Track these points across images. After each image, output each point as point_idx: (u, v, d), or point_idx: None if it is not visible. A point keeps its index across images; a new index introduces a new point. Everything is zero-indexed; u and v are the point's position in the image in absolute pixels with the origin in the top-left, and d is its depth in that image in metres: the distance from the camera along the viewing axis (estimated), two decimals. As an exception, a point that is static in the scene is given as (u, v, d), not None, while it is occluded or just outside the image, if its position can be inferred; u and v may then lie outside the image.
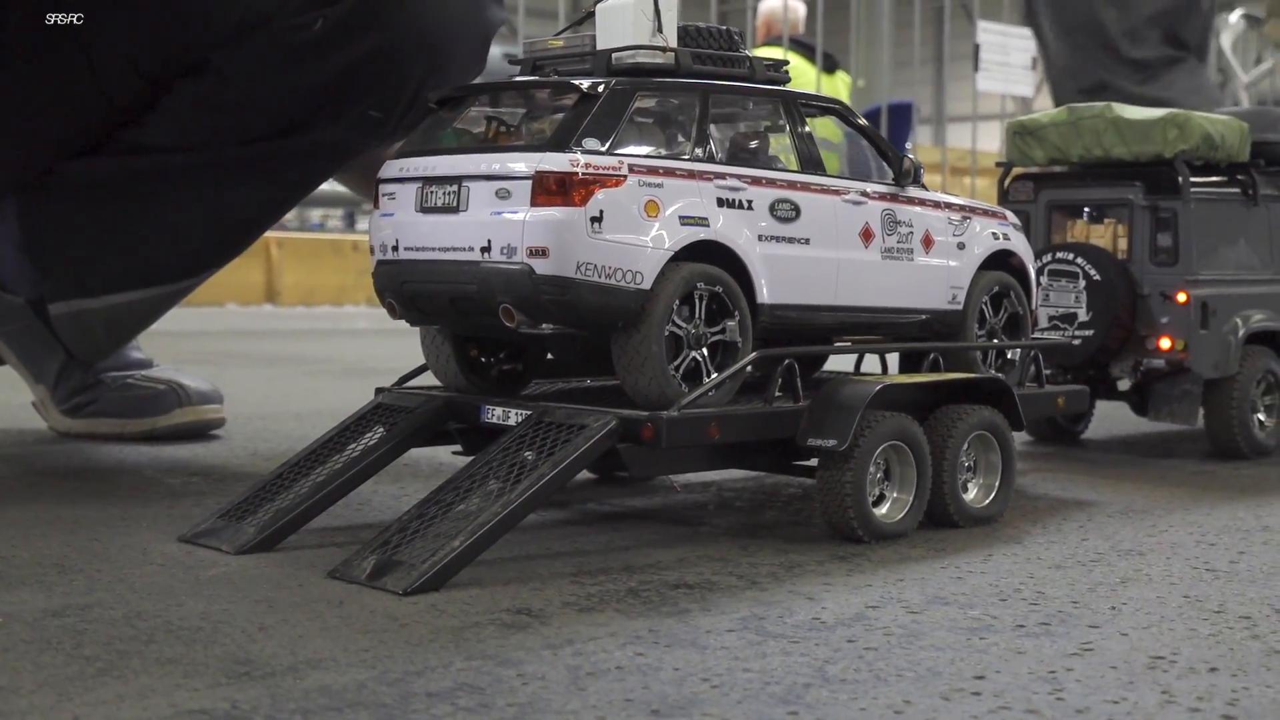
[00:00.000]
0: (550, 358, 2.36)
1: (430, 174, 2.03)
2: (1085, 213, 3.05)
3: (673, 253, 1.97)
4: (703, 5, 6.48)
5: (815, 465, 2.09)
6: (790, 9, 6.62)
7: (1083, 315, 2.93)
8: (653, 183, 1.97)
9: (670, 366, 1.98)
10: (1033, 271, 2.50)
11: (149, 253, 2.84)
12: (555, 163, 1.92)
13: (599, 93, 1.98)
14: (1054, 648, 1.55)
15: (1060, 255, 2.96)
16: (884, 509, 2.10)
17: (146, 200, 2.80)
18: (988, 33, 6.71)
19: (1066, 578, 1.89)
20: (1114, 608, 1.73)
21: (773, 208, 2.10)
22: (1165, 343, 2.90)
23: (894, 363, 2.55)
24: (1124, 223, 2.98)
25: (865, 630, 1.61)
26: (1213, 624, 1.66)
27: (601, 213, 1.92)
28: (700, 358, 2.01)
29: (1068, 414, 3.06)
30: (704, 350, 2.02)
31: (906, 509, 2.11)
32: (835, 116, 2.32)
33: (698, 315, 2.01)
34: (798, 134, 2.19)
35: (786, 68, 2.24)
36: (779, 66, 2.22)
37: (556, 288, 1.91)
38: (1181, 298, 2.89)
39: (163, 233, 2.83)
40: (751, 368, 2.08)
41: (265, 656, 1.47)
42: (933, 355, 2.33)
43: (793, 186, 2.13)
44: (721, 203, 2.04)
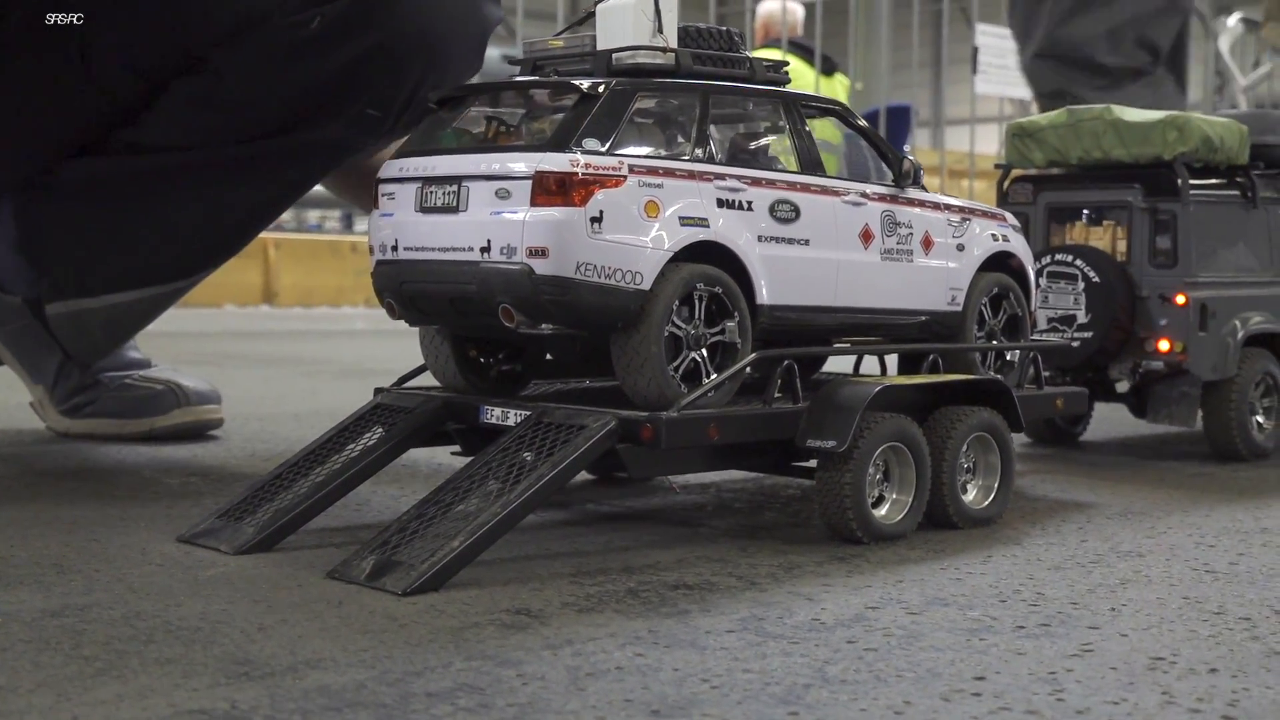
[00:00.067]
0: (549, 358, 2.36)
1: (430, 174, 2.03)
2: (1084, 215, 3.05)
3: (672, 253, 1.97)
4: (701, 7, 6.49)
5: (814, 466, 2.09)
6: (789, 11, 6.63)
7: (1081, 317, 2.93)
8: (653, 183, 1.97)
9: (670, 367, 1.98)
10: (1032, 273, 2.50)
11: (146, 253, 2.84)
12: (555, 163, 1.92)
13: (599, 93, 1.98)
14: (1054, 649, 1.55)
15: (1059, 257, 2.96)
16: (883, 510, 2.10)
17: (144, 200, 2.79)
18: (986, 36, 6.72)
19: (1066, 579, 1.89)
20: (1113, 609, 1.73)
21: (772, 209, 2.10)
22: (1164, 345, 2.90)
23: (893, 364, 2.55)
24: (1123, 225, 2.98)
25: (865, 631, 1.60)
26: (1212, 625, 1.66)
27: (601, 213, 1.92)
28: (700, 358, 2.01)
29: (1066, 416, 3.06)
30: (703, 351, 2.02)
31: (906, 510, 2.11)
32: (835, 118, 2.32)
33: (697, 316, 2.00)
34: (798, 135, 2.19)
35: (786, 69, 2.24)
36: (779, 67, 2.22)
37: (556, 288, 1.91)
38: (1180, 300, 2.89)
39: (160, 232, 2.83)
40: (751, 369, 2.08)
41: (264, 657, 1.47)
42: (932, 356, 2.33)
43: (792, 187, 2.13)
44: (721, 203, 2.04)
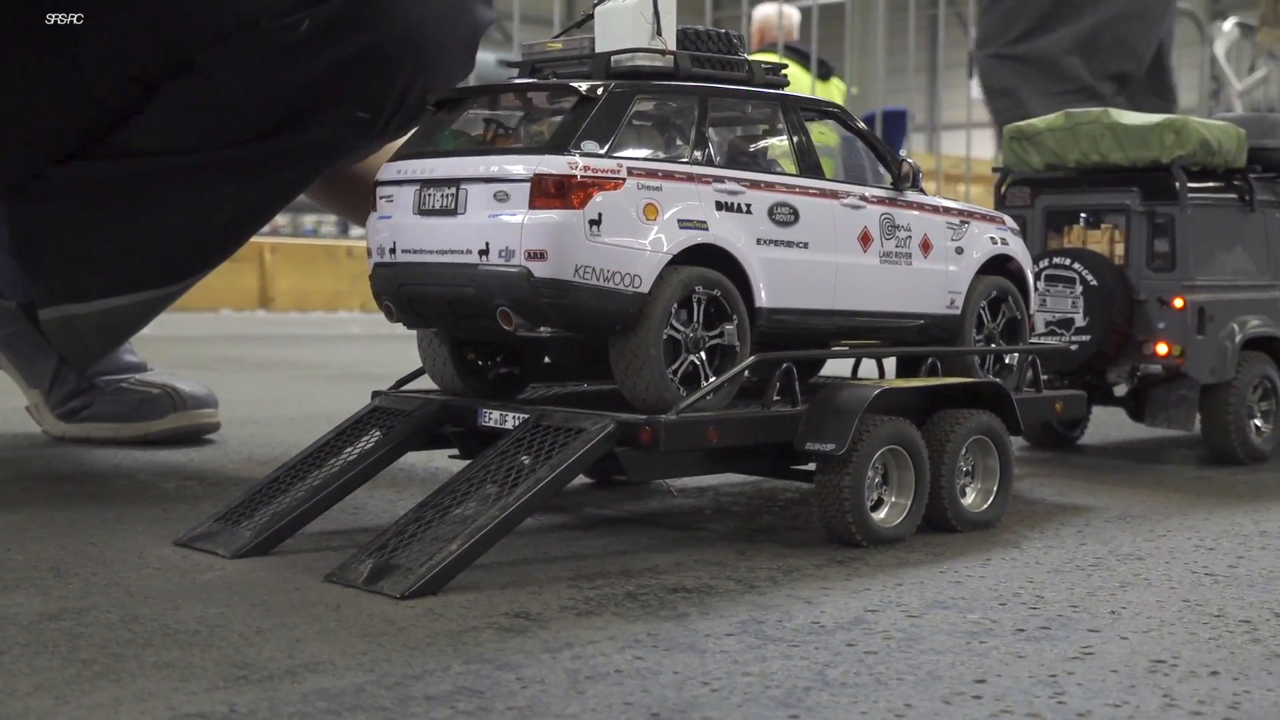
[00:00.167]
0: (547, 361, 2.36)
1: (428, 176, 2.02)
2: (1082, 218, 3.05)
3: (671, 256, 1.97)
4: (698, 12, 6.48)
5: (813, 470, 2.09)
6: (785, 15, 6.65)
7: (1080, 320, 2.92)
8: (651, 186, 1.97)
9: (668, 370, 1.97)
10: (1030, 276, 2.50)
11: (139, 256, 2.83)
12: (554, 165, 1.91)
13: (598, 95, 1.98)
14: (1054, 651, 1.55)
15: (1057, 260, 2.96)
16: (882, 513, 2.09)
17: (136, 203, 2.78)
18: (982, 40, 6.70)
19: (1065, 582, 1.89)
20: (1114, 612, 1.73)
21: (771, 211, 2.09)
22: (1162, 348, 2.90)
23: (891, 367, 2.54)
24: (1121, 228, 2.98)
25: (865, 634, 1.60)
26: (1213, 628, 1.66)
27: (600, 216, 1.92)
28: (698, 361, 2.01)
29: (1065, 419, 3.06)
30: (702, 354, 2.01)
31: (905, 513, 2.10)
32: (833, 120, 2.32)
33: (696, 319, 2.00)
34: (796, 138, 2.18)
35: (784, 71, 2.24)
36: (778, 70, 2.22)
37: (554, 291, 1.91)
38: (1178, 303, 2.89)
39: (153, 236, 2.82)
40: (750, 372, 2.07)
41: (262, 660, 1.46)
42: (931, 360, 2.32)
43: (791, 190, 2.13)
44: (720, 206, 2.04)
